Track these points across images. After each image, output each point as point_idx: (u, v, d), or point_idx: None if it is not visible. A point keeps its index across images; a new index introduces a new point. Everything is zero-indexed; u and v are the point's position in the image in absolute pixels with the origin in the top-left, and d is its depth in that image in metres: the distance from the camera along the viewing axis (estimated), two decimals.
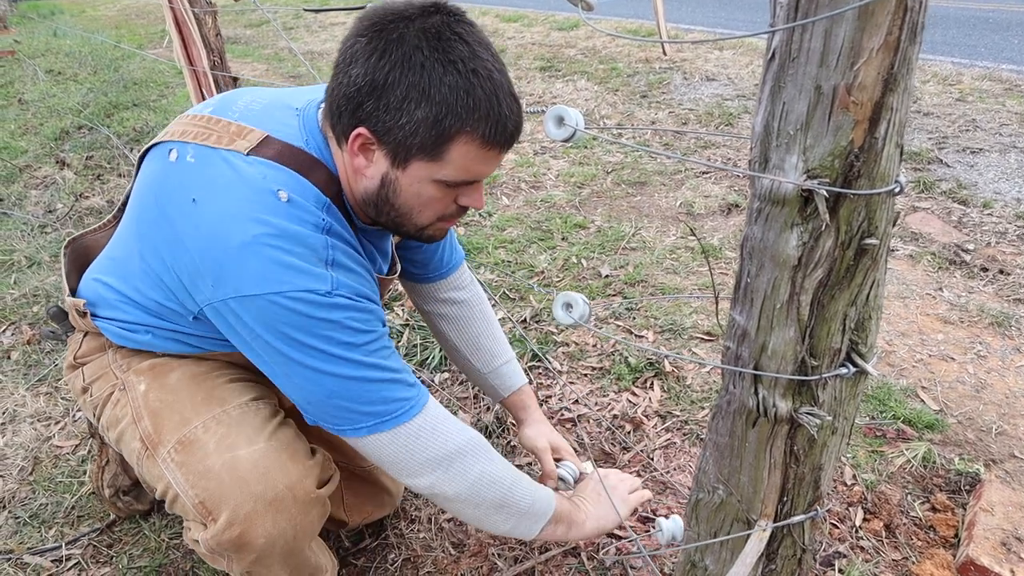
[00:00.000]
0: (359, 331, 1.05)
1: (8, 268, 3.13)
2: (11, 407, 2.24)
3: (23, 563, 1.71)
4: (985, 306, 2.52)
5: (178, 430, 1.17)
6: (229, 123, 1.11)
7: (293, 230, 1.01)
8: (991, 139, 4.01)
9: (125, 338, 1.24)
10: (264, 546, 1.13)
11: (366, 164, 1.05)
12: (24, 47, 8.76)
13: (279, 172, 1.05)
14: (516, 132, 1.04)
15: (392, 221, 1.13)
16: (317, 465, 1.20)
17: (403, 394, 1.11)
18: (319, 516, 1.21)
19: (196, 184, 1.05)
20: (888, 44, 0.63)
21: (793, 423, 0.87)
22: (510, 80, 1.03)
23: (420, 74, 0.96)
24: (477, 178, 1.08)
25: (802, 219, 0.74)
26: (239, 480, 1.11)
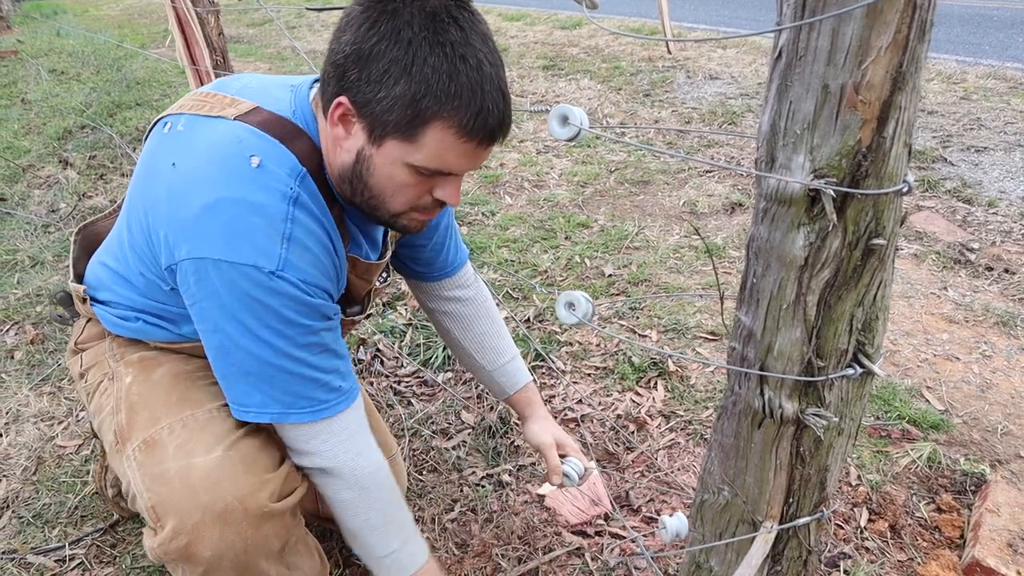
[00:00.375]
0: (291, 322, 1.04)
1: (11, 268, 3.13)
2: (15, 407, 2.25)
3: (27, 563, 1.70)
4: (990, 305, 2.51)
5: (146, 429, 1.16)
6: (225, 96, 1.13)
7: (255, 197, 1.00)
8: (996, 137, 4.00)
9: (119, 326, 1.25)
10: (211, 559, 1.10)
11: (344, 135, 1.04)
12: (27, 47, 8.77)
13: (258, 138, 1.04)
14: (499, 128, 1.01)
15: (366, 203, 1.10)
16: (278, 478, 1.16)
17: (318, 395, 1.11)
18: (277, 531, 1.16)
19: (179, 150, 1.07)
20: (897, 42, 0.62)
21: (799, 424, 0.87)
22: (503, 76, 1.00)
23: (405, 49, 0.93)
24: (452, 170, 1.05)
25: (809, 219, 0.73)
26: (189, 489, 1.09)
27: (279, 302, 1.02)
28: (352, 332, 2.54)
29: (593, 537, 1.71)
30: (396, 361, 2.40)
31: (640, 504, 1.79)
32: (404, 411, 2.16)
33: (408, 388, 2.28)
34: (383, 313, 2.65)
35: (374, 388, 2.27)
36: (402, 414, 2.14)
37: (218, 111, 1.09)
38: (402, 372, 2.35)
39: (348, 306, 1.37)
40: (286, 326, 1.04)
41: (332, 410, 1.14)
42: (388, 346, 2.47)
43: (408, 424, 2.09)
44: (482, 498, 1.83)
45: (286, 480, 1.18)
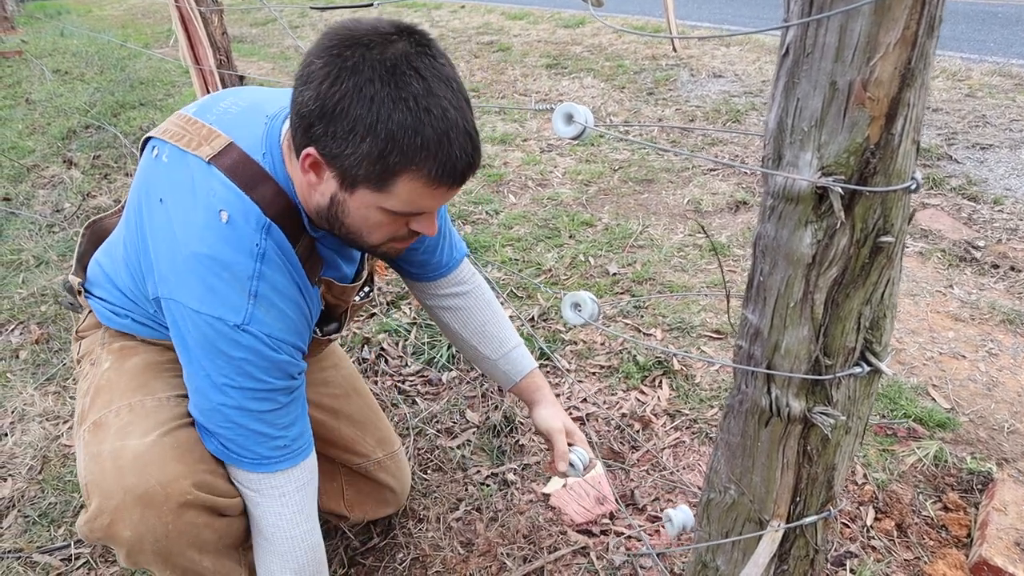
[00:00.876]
0: (251, 376, 1.08)
1: (16, 267, 3.14)
2: (20, 406, 2.25)
3: (33, 562, 1.71)
4: (996, 303, 2.50)
5: (99, 411, 1.20)
6: (203, 126, 1.15)
7: (225, 255, 1.05)
8: (1001, 135, 3.98)
9: (110, 319, 1.31)
10: (131, 540, 1.11)
11: (317, 181, 1.06)
12: (31, 47, 8.79)
13: (226, 189, 1.08)
14: (468, 170, 1.03)
15: (346, 237, 1.13)
16: (212, 474, 1.16)
17: (261, 450, 1.14)
18: (207, 523, 1.16)
19: (164, 185, 1.11)
20: (905, 39, 0.62)
21: (806, 423, 0.86)
22: (468, 117, 1.01)
23: (369, 108, 0.94)
24: (425, 211, 1.07)
25: (816, 217, 0.73)
26: (118, 470, 1.11)
27: (242, 355, 1.06)
28: (355, 332, 2.54)
29: (598, 536, 1.71)
30: (400, 360, 2.40)
31: (645, 503, 1.79)
32: (409, 410, 2.16)
33: (412, 387, 2.28)
34: (387, 312, 2.65)
35: (379, 387, 2.27)
36: (407, 413, 2.14)
37: (195, 146, 1.12)
38: (406, 371, 2.35)
39: (325, 324, 1.39)
40: (245, 379, 1.08)
41: (271, 468, 1.16)
42: (392, 345, 2.47)
43: (413, 423, 2.09)
44: (487, 497, 1.83)
45: (223, 478, 1.18)
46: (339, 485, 1.62)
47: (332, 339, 1.42)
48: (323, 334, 1.38)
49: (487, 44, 7.59)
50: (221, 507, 1.17)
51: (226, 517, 1.19)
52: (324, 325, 1.38)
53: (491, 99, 5.54)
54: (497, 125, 4.86)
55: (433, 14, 9.89)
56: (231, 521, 1.21)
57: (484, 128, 4.80)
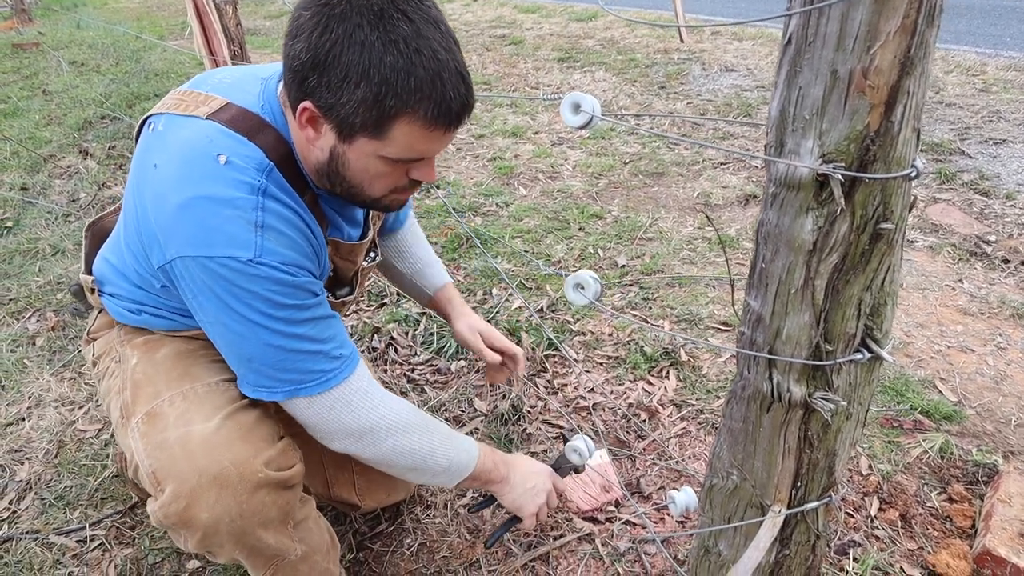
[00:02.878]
0: (281, 304, 1.08)
1: (33, 256, 3.18)
2: (36, 392, 2.29)
3: (49, 543, 1.74)
4: (1006, 298, 2.49)
5: (148, 403, 1.20)
6: (199, 94, 1.16)
7: (224, 193, 1.04)
8: (1015, 130, 3.95)
9: (124, 316, 1.31)
10: (208, 522, 1.12)
11: (315, 136, 1.07)
12: (48, 39, 8.86)
13: (225, 136, 1.08)
14: (463, 111, 1.04)
15: (346, 192, 1.14)
16: (274, 450, 1.18)
17: (322, 366, 1.15)
18: (273, 500, 1.18)
19: (159, 150, 1.11)
20: (905, 27, 0.63)
21: (807, 408, 0.88)
22: (458, 58, 1.02)
23: (360, 53, 0.95)
24: (424, 156, 1.09)
25: (817, 203, 0.74)
26: (188, 454, 1.12)
27: (264, 287, 1.06)
28: (365, 321, 2.56)
29: (603, 523, 1.73)
30: (410, 349, 2.42)
31: (651, 491, 1.80)
32: (418, 399, 2.18)
33: (422, 376, 2.30)
34: (397, 303, 2.67)
35: (388, 376, 2.29)
36: (416, 402, 2.16)
37: (192, 109, 1.13)
38: (416, 360, 2.37)
39: (337, 288, 1.40)
40: (276, 309, 1.08)
41: (339, 377, 1.17)
42: (402, 335, 2.49)
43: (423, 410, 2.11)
44: None
45: (283, 453, 1.20)
46: (350, 474, 1.65)
47: (347, 301, 1.43)
48: (336, 297, 1.39)
49: (499, 37, 7.59)
50: (287, 479, 1.19)
51: (287, 491, 1.21)
52: (336, 289, 1.40)
53: (502, 91, 5.55)
54: (508, 118, 4.87)
55: (446, 7, 9.89)
56: (290, 496, 1.22)
57: (495, 121, 4.81)
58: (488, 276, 2.80)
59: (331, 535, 1.44)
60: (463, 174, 3.97)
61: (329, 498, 1.64)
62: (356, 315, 2.63)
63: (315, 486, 1.61)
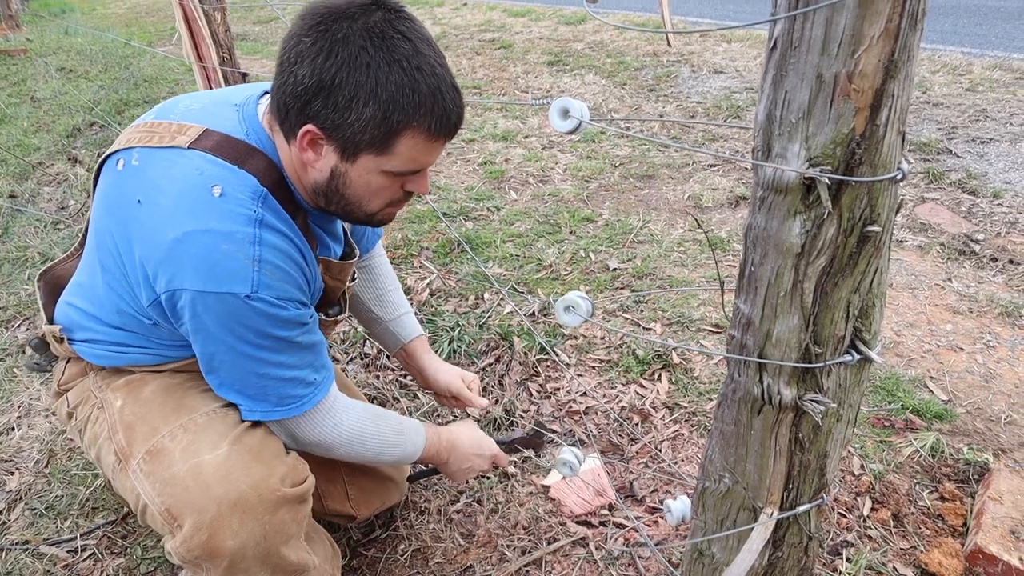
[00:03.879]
0: (269, 336, 1.11)
1: (22, 264, 3.16)
2: (26, 401, 2.27)
3: (40, 553, 1.73)
4: (995, 296, 2.51)
5: (147, 441, 1.18)
6: (170, 124, 1.15)
7: (222, 226, 1.04)
8: (1001, 129, 3.98)
9: (106, 359, 1.27)
10: (234, 549, 1.11)
11: (315, 158, 1.09)
12: (36, 45, 8.82)
13: (215, 166, 1.08)
14: (459, 122, 1.10)
15: (342, 209, 1.17)
16: (286, 465, 1.19)
17: (298, 391, 1.20)
18: (292, 516, 1.18)
19: (140, 186, 1.10)
20: (888, 31, 0.64)
21: (798, 410, 0.88)
22: (451, 73, 1.08)
23: (367, 74, 0.99)
24: (423, 167, 1.14)
25: (805, 207, 0.74)
26: (202, 485, 1.11)
27: (257, 321, 1.09)
28: (356, 328, 2.56)
29: (597, 527, 1.73)
30: None
31: (644, 494, 1.80)
32: (410, 404, 2.18)
33: (413, 381, 2.29)
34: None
35: (380, 382, 2.29)
36: (407, 407, 2.16)
37: (168, 141, 1.12)
38: None
39: (328, 308, 1.41)
40: (264, 339, 1.11)
41: (312, 401, 1.23)
42: None
43: (414, 417, 2.11)
44: (487, 489, 1.85)
45: (295, 468, 1.21)
46: (342, 486, 1.64)
47: (339, 320, 1.44)
48: (328, 316, 1.39)
49: (489, 41, 7.60)
50: (302, 493, 1.20)
51: (303, 505, 1.22)
52: (327, 308, 1.40)
53: (492, 96, 5.55)
54: (499, 122, 4.88)
55: (436, 11, 9.89)
56: (306, 509, 1.24)
57: (486, 125, 4.81)
58: (479, 281, 2.80)
59: (332, 543, 1.45)
60: (454, 179, 3.97)
61: (324, 512, 1.63)
62: (348, 322, 2.63)
63: None
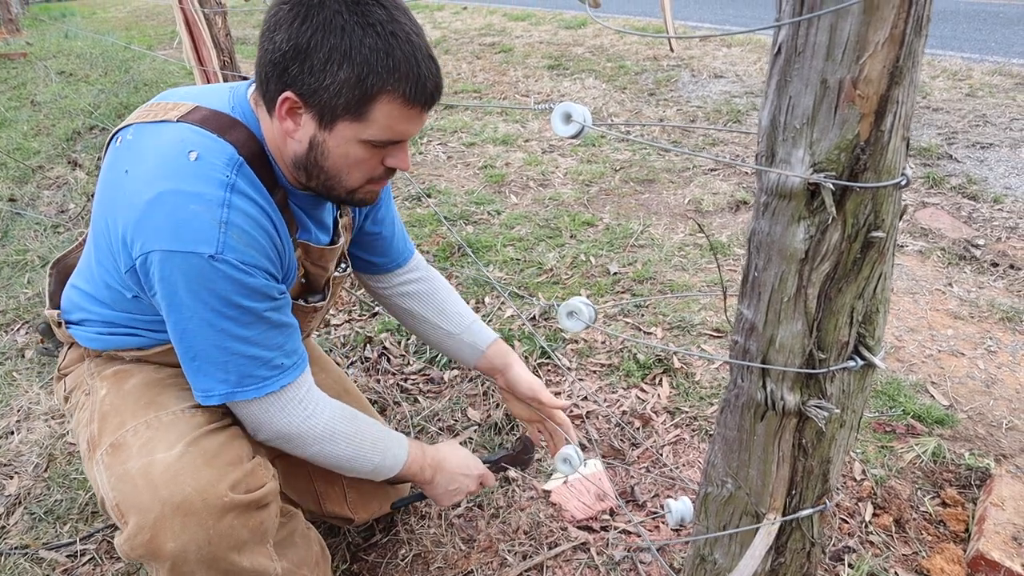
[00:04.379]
0: (234, 304, 1.09)
1: (22, 267, 3.16)
2: (26, 405, 2.27)
3: (39, 558, 1.73)
4: (995, 301, 2.51)
5: (113, 433, 1.19)
6: (167, 103, 1.19)
7: (192, 187, 1.05)
8: (1002, 134, 3.99)
9: (95, 341, 1.28)
10: (175, 551, 1.10)
11: (294, 127, 1.10)
12: (36, 49, 8.83)
13: (196, 134, 1.10)
14: (436, 91, 1.10)
15: (323, 185, 1.17)
16: (241, 471, 1.17)
17: (260, 372, 1.16)
18: (243, 523, 1.16)
19: (129, 157, 1.12)
20: (893, 37, 0.64)
21: (801, 416, 0.88)
22: (428, 43, 1.08)
23: (341, 36, 1.01)
24: (402, 137, 1.13)
25: (809, 213, 0.74)
26: (150, 484, 1.10)
27: (221, 286, 1.07)
28: (357, 331, 2.55)
29: (599, 532, 1.73)
30: (403, 359, 2.42)
31: (645, 499, 1.80)
32: (411, 408, 2.17)
33: (415, 385, 2.29)
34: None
35: (381, 386, 2.29)
36: (408, 411, 2.16)
37: (161, 116, 1.15)
38: (408, 370, 2.36)
39: (310, 294, 1.40)
40: (229, 307, 1.09)
41: (275, 384, 1.18)
42: (394, 344, 2.48)
43: (415, 421, 2.11)
44: (488, 494, 1.84)
45: (251, 474, 1.18)
46: (340, 489, 1.63)
47: (318, 307, 1.43)
48: (307, 303, 1.39)
49: (489, 45, 7.61)
50: (257, 500, 1.18)
51: (259, 512, 1.20)
52: (308, 295, 1.40)
53: (493, 100, 5.56)
54: (499, 126, 4.88)
55: (436, 15, 9.91)
56: (263, 516, 1.21)
57: (486, 129, 4.82)
58: (480, 284, 2.80)
59: (321, 547, 1.43)
60: (454, 182, 3.97)
61: (322, 514, 1.63)
62: (348, 325, 2.63)
63: (306, 503, 1.60)
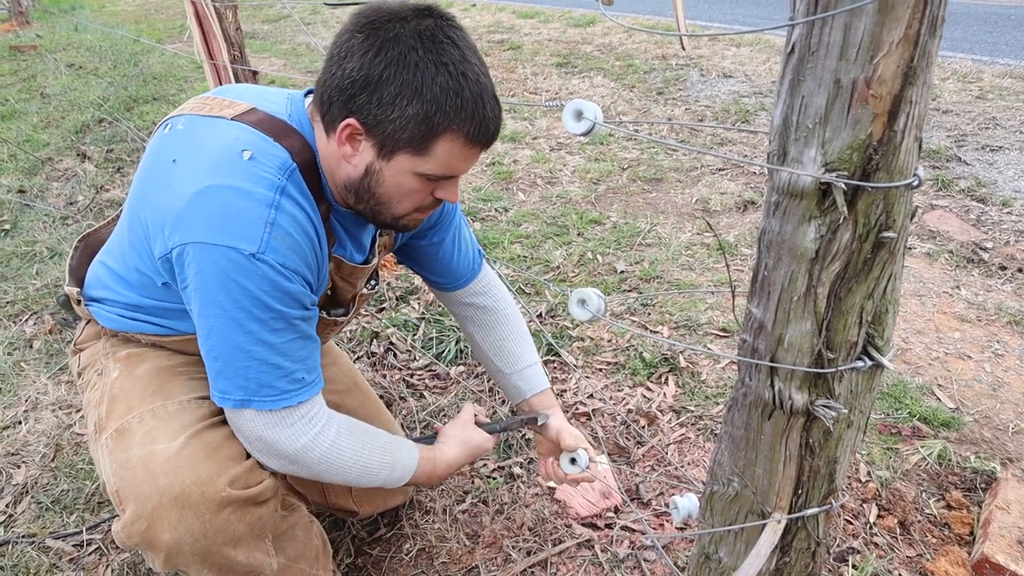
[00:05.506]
0: (267, 306, 1.07)
1: (30, 259, 3.18)
2: (33, 395, 2.28)
3: (46, 547, 1.74)
4: (1003, 304, 2.50)
5: (120, 418, 1.20)
6: (223, 99, 1.19)
7: (243, 184, 1.05)
8: (1011, 137, 3.97)
9: (115, 322, 1.29)
10: (170, 543, 1.11)
11: (352, 153, 1.10)
12: (46, 41, 8.85)
13: (251, 135, 1.10)
14: (496, 132, 1.12)
15: (371, 209, 1.17)
16: (240, 468, 1.17)
17: (280, 384, 1.12)
18: (240, 518, 1.17)
19: (178, 146, 1.13)
20: (908, 37, 0.63)
21: (809, 416, 0.88)
22: (494, 84, 1.10)
23: (414, 73, 1.02)
24: (456, 173, 1.15)
25: (820, 212, 0.74)
26: (150, 474, 1.11)
27: (257, 285, 1.05)
28: (364, 326, 2.56)
29: (603, 529, 1.73)
30: (409, 354, 2.42)
31: (650, 497, 1.80)
32: (416, 403, 2.18)
33: (421, 381, 2.30)
34: (396, 307, 2.67)
35: (387, 381, 2.29)
36: (414, 407, 2.16)
37: (216, 111, 1.15)
38: (415, 365, 2.37)
39: (333, 307, 1.40)
40: (261, 310, 1.07)
41: (292, 400, 1.14)
42: (401, 339, 2.49)
43: (420, 416, 2.11)
44: (493, 490, 1.85)
45: (250, 471, 1.18)
46: None
47: (339, 322, 1.42)
48: (329, 315, 1.38)
49: (498, 43, 7.60)
50: (254, 496, 1.17)
51: (257, 508, 1.20)
52: (332, 308, 1.40)
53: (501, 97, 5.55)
54: (507, 123, 4.88)
55: None
56: (261, 512, 1.21)
57: None
58: None
59: (322, 540, 1.43)
60: (462, 179, 3.96)
61: (327, 506, 1.64)
62: (355, 319, 2.63)
63: (311, 494, 1.61)
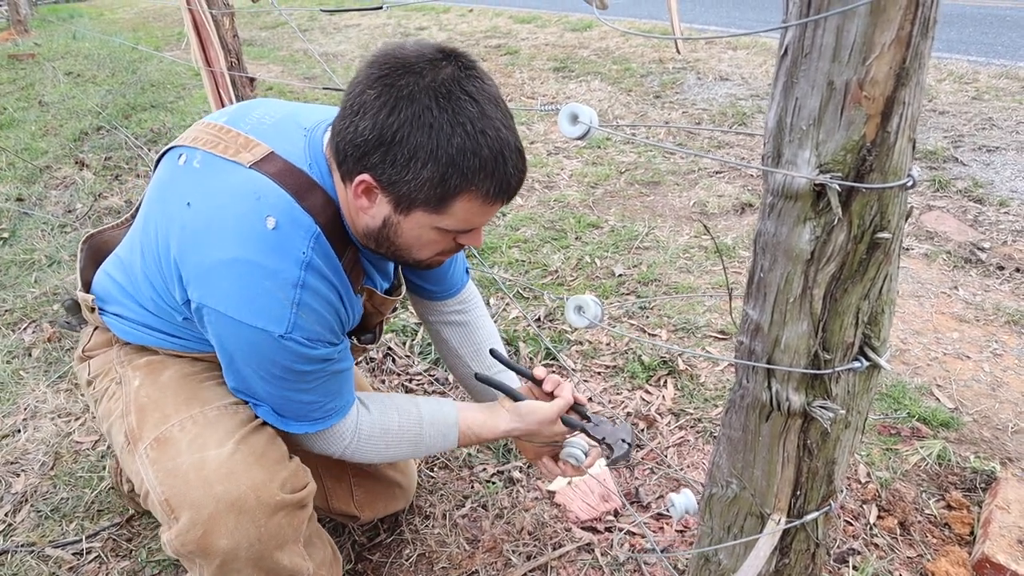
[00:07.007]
0: (296, 371, 1.13)
1: (29, 267, 3.18)
2: (32, 403, 2.28)
3: (45, 556, 1.73)
4: (1001, 304, 2.50)
5: (157, 427, 1.19)
6: (239, 134, 1.16)
7: (269, 262, 1.05)
8: (1008, 137, 3.98)
9: (129, 334, 1.29)
10: (227, 549, 1.12)
11: (369, 206, 1.08)
12: (44, 50, 8.87)
13: (274, 195, 1.08)
14: (519, 186, 1.08)
15: (392, 254, 1.17)
16: (288, 471, 1.20)
17: (316, 414, 1.21)
18: (289, 521, 1.19)
19: (194, 190, 1.11)
20: (900, 39, 0.64)
21: (806, 417, 0.88)
22: (517, 134, 1.06)
23: (428, 135, 0.98)
24: (477, 227, 1.12)
25: (815, 213, 0.74)
26: (203, 481, 1.12)
27: (285, 358, 1.10)
28: None
29: (603, 533, 1.73)
30: (408, 360, 2.42)
31: (650, 500, 1.80)
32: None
33: (419, 386, 2.30)
34: (394, 313, 2.67)
35: (386, 386, 2.29)
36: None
37: (233, 153, 1.12)
38: (413, 371, 2.37)
39: (362, 334, 1.42)
40: (290, 374, 1.13)
41: (328, 423, 1.23)
42: (399, 345, 2.49)
43: None
44: (493, 494, 1.85)
45: (296, 473, 1.21)
46: (347, 486, 1.64)
47: (367, 349, 1.46)
48: (360, 342, 1.41)
49: (495, 47, 7.62)
50: (302, 499, 1.21)
51: (302, 511, 1.23)
52: (360, 335, 1.41)
53: None
54: None
55: (441, 17, 9.93)
56: (304, 515, 1.25)
57: None
58: (485, 286, 2.81)
59: (333, 548, 1.44)
60: None
61: (328, 510, 1.64)
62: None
63: (314, 499, 1.61)
